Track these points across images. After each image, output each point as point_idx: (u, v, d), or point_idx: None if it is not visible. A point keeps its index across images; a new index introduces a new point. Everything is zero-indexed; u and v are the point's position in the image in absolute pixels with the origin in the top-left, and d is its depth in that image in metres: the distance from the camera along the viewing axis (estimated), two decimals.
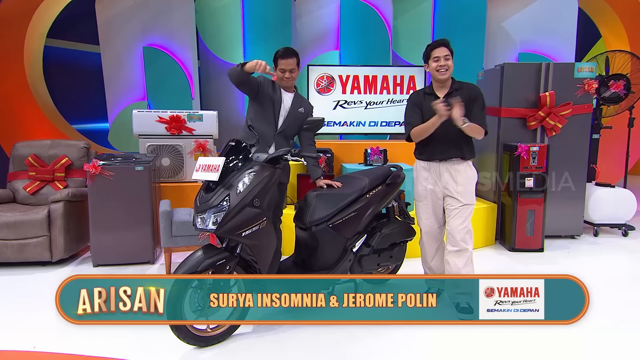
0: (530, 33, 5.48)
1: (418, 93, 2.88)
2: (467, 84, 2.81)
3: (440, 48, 2.72)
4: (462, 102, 2.58)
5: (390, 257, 3.01)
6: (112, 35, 5.10)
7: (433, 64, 2.74)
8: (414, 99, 2.86)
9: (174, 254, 3.57)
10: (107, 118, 5.27)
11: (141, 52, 5.09)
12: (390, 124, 4.91)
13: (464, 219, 2.73)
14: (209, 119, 4.32)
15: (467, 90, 2.75)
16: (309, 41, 5.41)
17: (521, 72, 4.32)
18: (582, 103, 4.33)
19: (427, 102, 2.76)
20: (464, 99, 2.66)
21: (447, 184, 2.77)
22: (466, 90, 2.76)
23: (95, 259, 3.64)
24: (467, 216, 2.76)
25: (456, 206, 2.74)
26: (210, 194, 2.34)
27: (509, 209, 4.24)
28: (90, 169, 3.53)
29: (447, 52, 2.71)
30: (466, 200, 2.75)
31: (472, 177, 2.79)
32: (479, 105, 2.74)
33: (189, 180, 4.29)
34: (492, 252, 4.20)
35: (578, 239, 4.55)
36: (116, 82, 5.19)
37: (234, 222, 2.29)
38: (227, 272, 2.34)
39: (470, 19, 5.31)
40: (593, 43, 6.64)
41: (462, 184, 2.74)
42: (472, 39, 5.30)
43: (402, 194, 3.21)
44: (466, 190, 2.75)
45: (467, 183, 2.76)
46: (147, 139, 4.23)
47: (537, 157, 4.05)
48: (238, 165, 2.40)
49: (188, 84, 5.12)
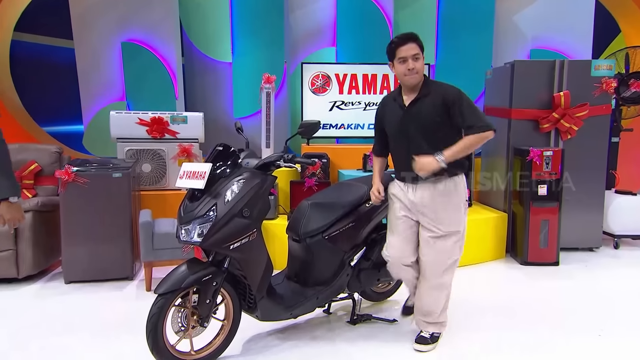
0: (543, 28, 5.55)
1: (388, 97, 2.69)
2: (441, 85, 2.52)
3: (408, 45, 2.43)
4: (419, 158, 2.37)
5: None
6: (87, 29, 5.13)
7: (400, 67, 2.46)
8: (379, 106, 2.70)
9: (155, 269, 3.58)
10: (82, 120, 5.28)
11: (119, 47, 5.12)
12: None
13: (445, 252, 2.53)
14: (194, 121, 4.35)
15: (439, 96, 2.46)
16: (303, 37, 5.47)
17: (533, 70, 4.39)
18: (600, 104, 4.40)
19: (390, 108, 2.60)
20: (433, 105, 2.45)
21: (424, 208, 2.53)
22: (437, 95, 2.47)
23: (67, 275, 3.64)
24: (451, 248, 2.55)
25: (435, 236, 2.52)
26: (195, 203, 2.36)
27: (520, 218, 4.29)
28: (62, 175, 3.54)
29: (417, 50, 2.43)
30: (447, 228, 2.51)
31: (457, 198, 2.53)
32: (464, 105, 2.43)
33: (172, 188, 4.31)
34: (502, 266, 4.24)
35: (597, 251, 4.60)
36: (92, 80, 5.21)
37: (221, 233, 2.30)
38: (214, 289, 2.35)
39: (478, 13, 5.38)
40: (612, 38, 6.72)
41: (444, 208, 2.50)
42: (480, 34, 5.37)
43: None
44: (448, 216, 2.51)
45: (449, 206, 2.51)
46: (126, 142, 4.25)
47: (550, 162, 4.10)
48: (226, 171, 2.42)
49: (171, 82, 5.16)
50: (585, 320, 3.06)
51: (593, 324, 3.01)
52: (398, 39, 2.46)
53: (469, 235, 4.20)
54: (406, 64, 2.44)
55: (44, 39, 5.56)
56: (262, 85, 4.52)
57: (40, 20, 5.46)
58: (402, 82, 2.53)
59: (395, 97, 2.59)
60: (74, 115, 5.39)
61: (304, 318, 2.93)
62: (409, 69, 2.44)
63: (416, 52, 2.43)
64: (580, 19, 5.51)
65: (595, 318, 3.10)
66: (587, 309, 3.26)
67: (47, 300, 3.39)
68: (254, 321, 2.64)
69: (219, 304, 2.49)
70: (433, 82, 2.55)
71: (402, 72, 2.46)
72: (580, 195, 4.42)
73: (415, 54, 2.43)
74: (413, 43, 2.43)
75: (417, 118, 2.48)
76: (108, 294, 3.47)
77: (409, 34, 2.46)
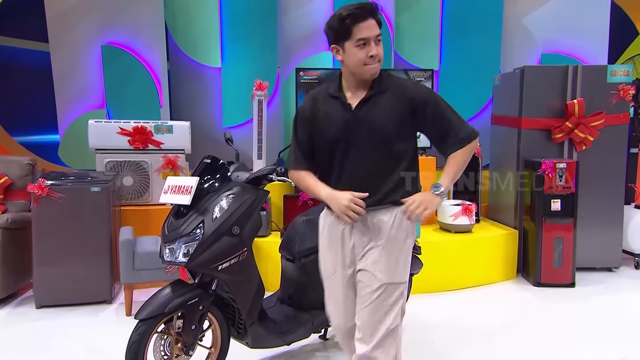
0: (555, 30, 5.60)
1: (319, 92, 2.11)
2: (401, 80, 2.08)
3: (369, 22, 1.90)
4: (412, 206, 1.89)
5: None
6: (65, 31, 5.17)
7: (358, 53, 1.91)
8: (307, 104, 2.11)
9: (136, 292, 3.58)
10: (57, 129, 5.30)
11: (99, 51, 5.16)
12: None
13: (385, 310, 1.96)
14: (179, 130, 4.37)
15: (402, 94, 1.98)
16: (298, 40, 5.52)
17: (544, 76, 4.45)
18: (617, 112, 4.46)
19: (326, 108, 2.04)
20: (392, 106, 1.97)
21: (361, 248, 2.03)
22: (398, 92, 1.99)
23: (38, 298, 3.63)
24: (392, 305, 1.97)
25: (374, 287, 1.97)
26: (180, 220, 2.37)
27: (532, 236, 4.32)
28: (35, 190, 3.55)
29: (379, 29, 1.94)
30: (390, 278, 1.97)
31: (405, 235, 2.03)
32: (441, 108, 1.99)
33: (155, 203, 4.32)
34: (514, 287, 4.26)
35: (616, 271, 4.62)
36: (69, 86, 5.23)
37: (208, 253, 2.31)
38: (200, 313, 2.36)
39: (485, 14, 5.45)
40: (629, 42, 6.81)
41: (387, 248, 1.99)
42: (487, 38, 5.44)
43: None
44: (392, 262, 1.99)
45: (394, 246, 2.01)
46: (105, 154, 4.26)
47: (564, 175, 4.15)
48: (214, 186, 2.45)
49: (155, 89, 5.19)
50: (605, 347, 3.08)
51: (614, 351, 3.02)
52: (355, 11, 1.89)
53: (477, 253, 4.31)
54: (367, 49, 1.91)
55: (17, 41, 5.59)
56: (254, 92, 4.56)
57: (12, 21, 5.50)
58: (355, 74, 1.97)
59: (333, 93, 2.04)
60: (49, 124, 5.40)
61: (299, 345, 2.94)
62: (371, 56, 1.92)
63: (379, 33, 1.94)
64: (595, 21, 5.55)
65: (616, 344, 3.12)
66: (606, 334, 3.27)
67: (15, 327, 3.38)
68: (243, 349, 2.64)
69: (206, 330, 2.49)
70: (390, 76, 2.05)
71: (361, 60, 1.92)
72: (597, 210, 4.45)
73: (378, 35, 1.93)
74: (374, 19, 1.92)
75: (371, 123, 1.97)
76: (84, 320, 3.46)
77: (367, 4, 1.94)
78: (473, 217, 4.38)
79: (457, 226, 4.34)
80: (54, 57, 5.19)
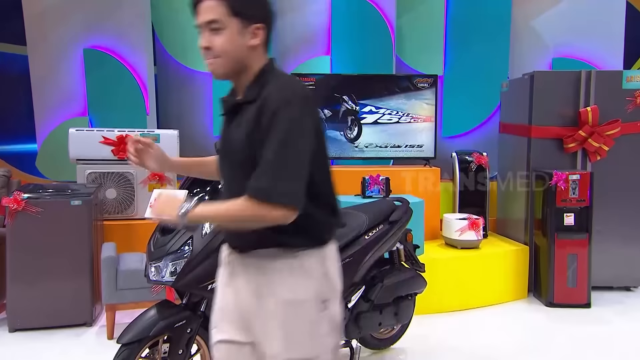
0: (566, 33, 5.64)
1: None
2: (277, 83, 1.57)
3: (203, 2, 1.52)
4: None
5: (395, 315, 3.03)
6: (44, 33, 5.17)
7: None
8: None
9: (119, 313, 3.55)
10: (35, 138, 5.28)
11: (81, 55, 5.16)
12: (395, 145, 5.01)
13: None
14: (167, 139, 4.36)
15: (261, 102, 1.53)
16: (294, 44, 5.54)
17: (556, 81, 4.47)
18: (634, 120, 4.48)
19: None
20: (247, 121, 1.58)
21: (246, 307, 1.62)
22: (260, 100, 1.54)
23: (12, 321, 3.59)
24: None
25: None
26: (168, 236, 2.37)
27: (544, 252, 4.30)
28: (10, 203, 3.53)
29: (213, 14, 1.50)
30: (289, 353, 1.54)
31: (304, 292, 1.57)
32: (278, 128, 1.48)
33: (140, 218, 4.29)
34: (525, 307, 4.24)
35: (635, 291, 4.61)
36: (48, 92, 5.22)
37: (197, 272, 2.30)
38: (188, 336, 2.33)
39: (492, 17, 5.48)
40: None
41: (275, 310, 1.56)
42: (494, 41, 5.46)
43: (409, 235, 3.25)
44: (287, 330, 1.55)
45: (289, 309, 1.55)
46: (87, 164, 4.25)
47: (577, 187, 4.15)
48: (204, 199, 2.44)
49: (141, 95, 5.19)
50: None
51: None
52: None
53: (485, 271, 4.28)
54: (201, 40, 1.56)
55: None
56: None
57: None
58: None
59: (227, 96, 1.78)
60: (26, 132, 5.38)
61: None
62: (203, 48, 1.57)
63: (211, 18, 1.50)
64: (609, 23, 5.59)
65: None
66: (625, 359, 3.25)
67: None
68: None
69: (194, 355, 2.47)
70: (273, 77, 1.59)
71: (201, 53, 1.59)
72: (613, 225, 4.45)
73: (210, 21, 1.51)
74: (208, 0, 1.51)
75: (228, 140, 1.72)
76: (62, 344, 3.43)
77: None
78: (480, 232, 4.36)
79: (463, 242, 4.32)
80: (32, 61, 5.18)
